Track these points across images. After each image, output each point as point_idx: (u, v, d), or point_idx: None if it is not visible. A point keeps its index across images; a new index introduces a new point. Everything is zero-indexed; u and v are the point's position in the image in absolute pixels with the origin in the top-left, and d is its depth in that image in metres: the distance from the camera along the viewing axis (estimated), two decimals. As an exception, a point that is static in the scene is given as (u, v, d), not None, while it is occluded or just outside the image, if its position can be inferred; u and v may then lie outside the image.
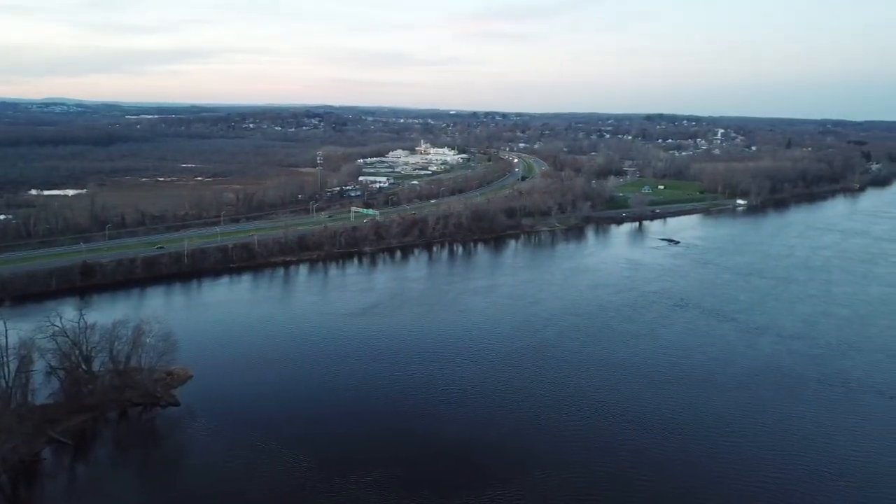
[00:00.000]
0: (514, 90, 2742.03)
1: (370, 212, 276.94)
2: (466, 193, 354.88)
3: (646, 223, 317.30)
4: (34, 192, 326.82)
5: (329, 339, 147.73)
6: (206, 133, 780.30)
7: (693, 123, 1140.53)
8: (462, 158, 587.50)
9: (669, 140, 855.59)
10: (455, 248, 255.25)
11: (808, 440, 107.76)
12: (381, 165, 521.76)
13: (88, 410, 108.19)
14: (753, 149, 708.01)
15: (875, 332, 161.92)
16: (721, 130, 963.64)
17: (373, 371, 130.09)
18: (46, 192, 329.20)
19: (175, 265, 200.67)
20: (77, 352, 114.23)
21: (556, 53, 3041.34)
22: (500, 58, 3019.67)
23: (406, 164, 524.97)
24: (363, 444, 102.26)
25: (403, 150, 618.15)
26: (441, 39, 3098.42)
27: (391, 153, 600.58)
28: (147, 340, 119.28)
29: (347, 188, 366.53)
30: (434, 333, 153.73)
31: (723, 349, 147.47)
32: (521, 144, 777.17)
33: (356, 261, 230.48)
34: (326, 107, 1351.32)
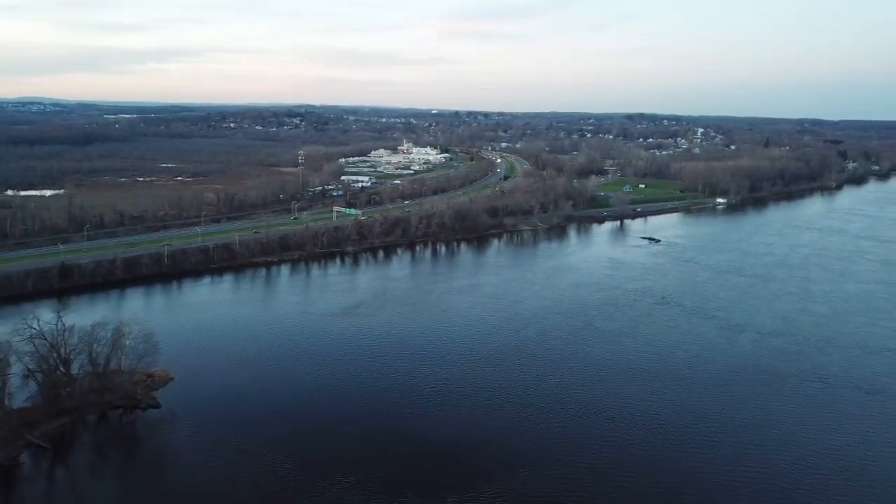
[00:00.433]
0: (497, 90, 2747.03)
1: (352, 211, 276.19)
2: (449, 193, 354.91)
3: (627, 222, 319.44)
4: (10, 193, 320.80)
5: (312, 340, 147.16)
6: (186, 133, 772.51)
7: (673, 123, 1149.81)
8: (444, 158, 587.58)
9: (650, 139, 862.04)
10: (438, 248, 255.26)
11: (788, 435, 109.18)
12: (364, 165, 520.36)
13: (67, 414, 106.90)
14: (733, 148, 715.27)
15: (852, 329, 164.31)
16: (701, 130, 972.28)
17: (356, 371, 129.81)
18: (23, 193, 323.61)
19: (155, 266, 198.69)
20: (55, 354, 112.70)
21: (538, 53, 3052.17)
22: (483, 57, 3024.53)
23: (388, 164, 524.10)
24: (347, 444, 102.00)
25: (386, 150, 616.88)
26: (424, 39, 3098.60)
27: (373, 153, 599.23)
28: (127, 342, 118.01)
29: (329, 188, 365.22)
30: (417, 333, 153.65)
31: (703, 346, 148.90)
32: (503, 144, 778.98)
33: (338, 261, 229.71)
34: (308, 106, 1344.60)
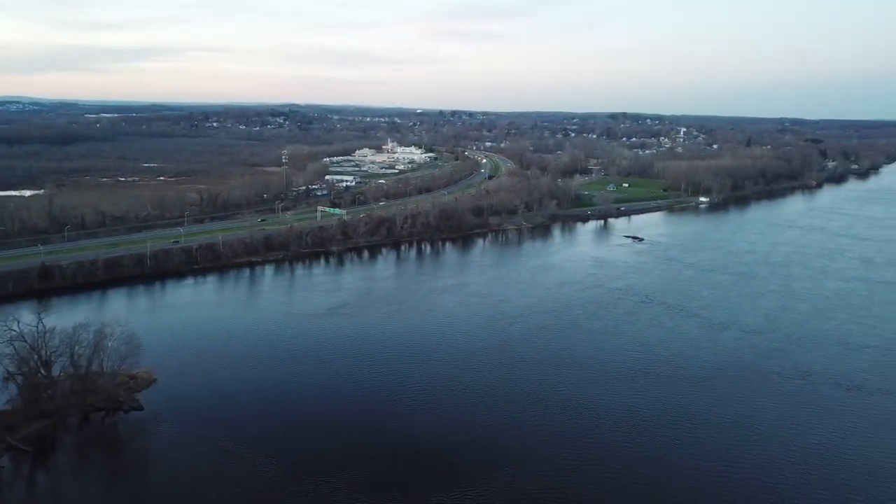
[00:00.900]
0: (481, 89, 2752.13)
1: (337, 211, 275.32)
2: (434, 192, 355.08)
3: (611, 221, 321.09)
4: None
5: (296, 340, 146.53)
6: (169, 132, 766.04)
7: (657, 122, 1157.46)
8: (429, 157, 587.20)
9: (633, 139, 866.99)
10: (423, 247, 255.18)
11: (770, 431, 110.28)
12: (348, 164, 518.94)
13: (48, 416, 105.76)
14: (715, 147, 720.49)
15: (833, 326, 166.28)
16: (684, 129, 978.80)
17: (341, 371, 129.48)
18: (2, 193, 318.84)
19: (137, 267, 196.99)
20: (36, 356, 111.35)
21: (523, 53, 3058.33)
22: (467, 57, 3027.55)
23: (373, 163, 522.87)
24: (332, 445, 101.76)
25: (370, 149, 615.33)
26: (409, 38, 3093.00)
27: (358, 152, 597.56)
28: (109, 344, 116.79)
29: (314, 187, 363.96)
30: (402, 333, 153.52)
31: (687, 344, 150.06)
32: (488, 143, 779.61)
33: (323, 261, 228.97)
34: (291, 105, 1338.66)
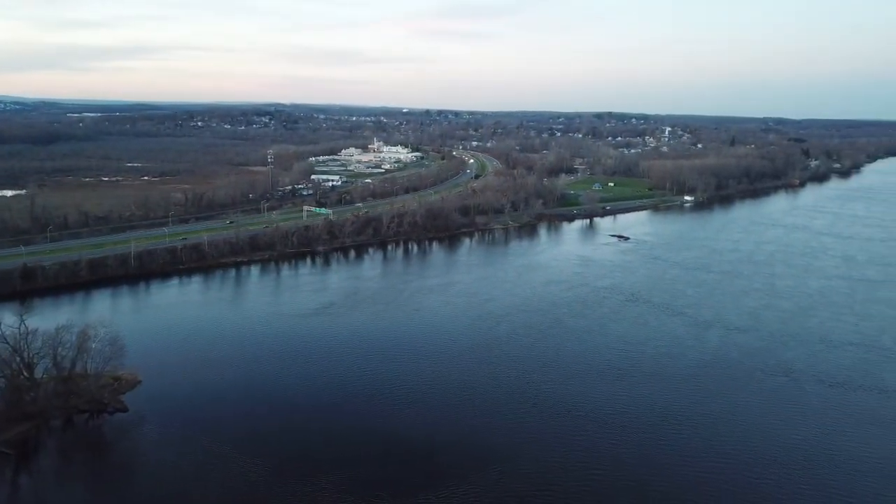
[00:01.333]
0: (468, 88, 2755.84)
1: (323, 210, 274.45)
2: (420, 192, 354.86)
3: (596, 220, 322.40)
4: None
5: (282, 340, 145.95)
6: (153, 131, 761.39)
7: (642, 122, 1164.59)
8: (415, 157, 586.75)
9: (619, 138, 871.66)
10: (410, 247, 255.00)
11: (754, 428, 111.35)
12: (334, 164, 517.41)
13: (31, 419, 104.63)
14: (699, 146, 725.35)
15: (815, 324, 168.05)
16: (668, 128, 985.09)
17: (327, 371, 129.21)
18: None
19: (122, 267, 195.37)
20: (18, 359, 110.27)
21: (509, 52, 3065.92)
22: (454, 56, 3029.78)
23: (359, 163, 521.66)
24: (319, 445, 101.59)
25: (356, 149, 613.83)
26: (395, 38, 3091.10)
27: (344, 151, 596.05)
28: (93, 345, 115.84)
29: (299, 187, 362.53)
30: (389, 332, 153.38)
31: (672, 343, 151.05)
32: (474, 143, 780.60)
33: (309, 260, 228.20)
34: (277, 104, 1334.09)
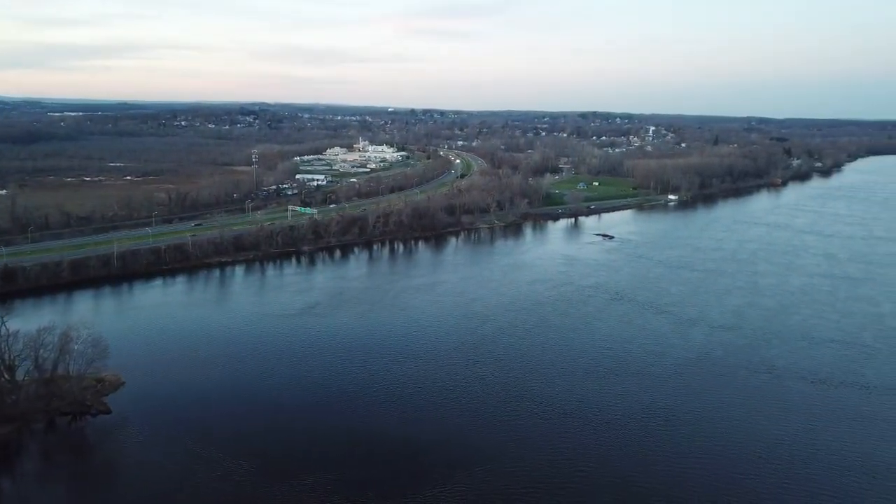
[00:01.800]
0: (453, 88, 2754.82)
1: (308, 210, 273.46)
2: (406, 191, 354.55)
3: (581, 219, 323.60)
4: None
5: (267, 341, 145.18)
6: (136, 131, 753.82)
7: (626, 121, 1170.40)
8: (401, 156, 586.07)
9: (603, 137, 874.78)
10: (395, 246, 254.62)
11: (738, 425, 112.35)
12: (319, 163, 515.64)
13: (12, 422, 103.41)
14: (683, 145, 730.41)
15: (797, 321, 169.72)
16: (652, 128, 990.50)
17: (313, 372, 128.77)
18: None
19: (104, 268, 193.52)
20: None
21: (494, 52, 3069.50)
22: (439, 56, 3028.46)
23: (344, 162, 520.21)
24: (304, 446, 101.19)
25: (341, 148, 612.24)
26: (380, 37, 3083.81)
27: (329, 151, 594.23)
28: (75, 347, 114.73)
29: (284, 187, 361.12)
30: (375, 332, 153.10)
31: (657, 341, 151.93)
32: (460, 142, 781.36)
33: (294, 260, 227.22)
34: (261, 104, 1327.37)
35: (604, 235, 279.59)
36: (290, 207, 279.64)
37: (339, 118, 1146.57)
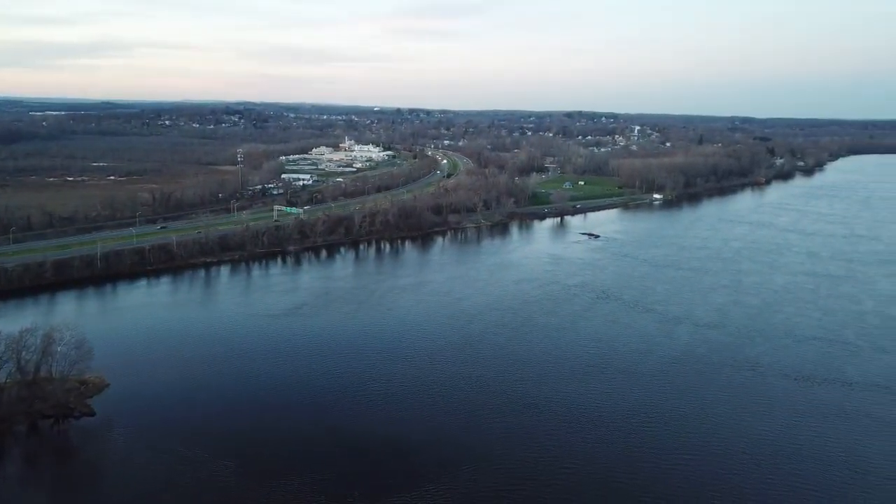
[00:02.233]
0: (439, 87, 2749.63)
1: (294, 210, 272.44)
2: (392, 191, 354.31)
3: (567, 218, 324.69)
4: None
5: (253, 342, 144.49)
6: (119, 130, 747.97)
7: (611, 120, 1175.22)
8: (387, 155, 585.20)
9: (589, 137, 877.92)
10: (382, 246, 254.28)
11: (722, 422, 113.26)
12: (305, 163, 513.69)
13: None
14: (668, 145, 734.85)
15: (781, 319, 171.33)
16: (638, 127, 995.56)
17: (300, 372, 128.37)
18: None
19: (88, 268, 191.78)
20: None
21: (481, 51, 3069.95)
22: (425, 55, 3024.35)
23: (330, 162, 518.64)
24: (291, 447, 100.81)
25: (327, 147, 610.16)
26: (366, 36, 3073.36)
27: (314, 150, 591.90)
28: (58, 349, 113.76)
29: (270, 186, 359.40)
30: (362, 332, 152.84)
31: (642, 339, 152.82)
32: (446, 142, 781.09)
33: (280, 260, 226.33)
34: (247, 103, 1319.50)
35: (589, 234, 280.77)
36: (276, 207, 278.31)
37: (325, 117, 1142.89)
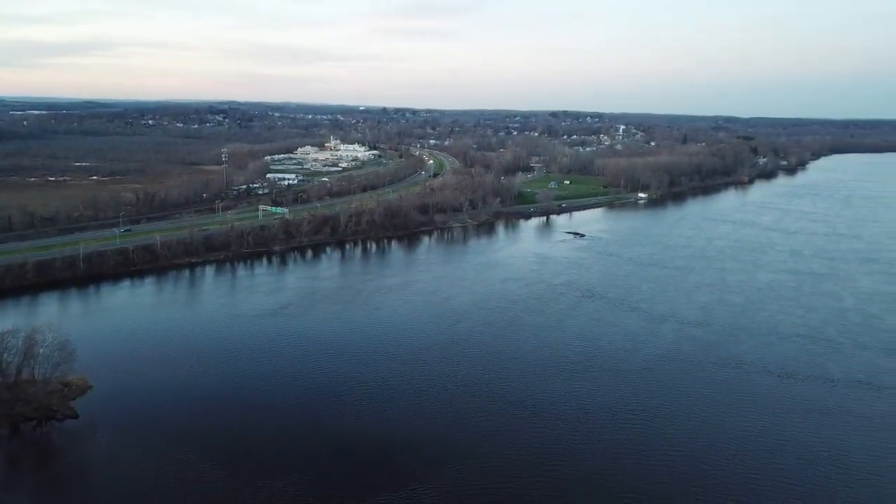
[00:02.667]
0: (425, 87, 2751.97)
1: (279, 210, 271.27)
2: (378, 190, 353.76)
3: (553, 218, 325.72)
4: None
5: (239, 342, 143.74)
6: (102, 130, 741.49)
7: (596, 120, 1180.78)
8: (373, 155, 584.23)
9: (574, 136, 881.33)
10: (368, 246, 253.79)
11: (707, 419, 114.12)
12: (290, 162, 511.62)
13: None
14: (653, 144, 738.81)
15: (764, 317, 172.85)
16: (622, 127, 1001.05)
17: (285, 372, 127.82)
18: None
19: (70, 269, 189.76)
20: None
21: (466, 51, 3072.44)
22: (411, 54, 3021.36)
23: (315, 161, 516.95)
24: (276, 447, 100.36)
25: (312, 147, 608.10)
26: (351, 35, 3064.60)
27: (300, 150, 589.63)
28: (40, 350, 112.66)
29: (255, 186, 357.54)
30: (347, 332, 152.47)
31: (627, 338, 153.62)
32: (432, 141, 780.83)
33: (265, 260, 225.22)
34: (231, 103, 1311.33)
35: (575, 234, 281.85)
36: (261, 207, 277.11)
37: (311, 117, 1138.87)
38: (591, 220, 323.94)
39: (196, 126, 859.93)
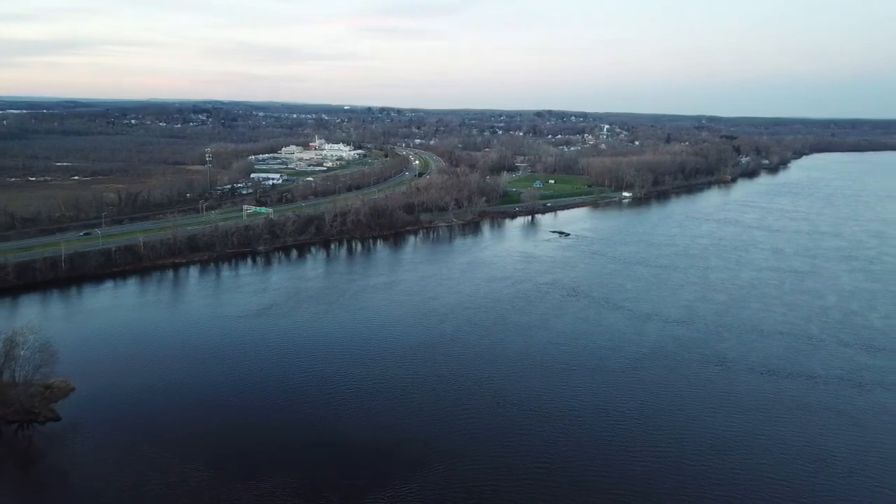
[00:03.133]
0: (410, 86, 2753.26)
1: (264, 210, 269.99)
2: (363, 189, 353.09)
3: (538, 217, 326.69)
4: None
5: (222, 343, 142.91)
6: (84, 129, 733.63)
7: (581, 119, 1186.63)
8: (358, 154, 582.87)
9: (559, 136, 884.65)
10: (353, 245, 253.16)
11: (691, 416, 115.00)
12: (274, 162, 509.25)
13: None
14: (637, 143, 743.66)
15: (747, 315, 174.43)
16: (607, 126, 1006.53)
17: (269, 373, 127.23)
18: None
19: (51, 270, 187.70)
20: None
21: (451, 50, 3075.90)
22: (396, 54, 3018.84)
23: (300, 161, 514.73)
24: (261, 450, 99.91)
25: (297, 146, 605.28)
26: (336, 35, 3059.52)
27: (284, 149, 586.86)
28: (21, 353, 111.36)
29: (239, 186, 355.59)
30: (333, 332, 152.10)
31: (612, 336, 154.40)
32: (417, 140, 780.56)
33: (250, 261, 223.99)
34: (215, 102, 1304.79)
35: (560, 233, 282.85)
36: (245, 207, 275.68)
37: (295, 116, 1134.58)
38: (576, 219, 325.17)
39: (179, 125, 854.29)
